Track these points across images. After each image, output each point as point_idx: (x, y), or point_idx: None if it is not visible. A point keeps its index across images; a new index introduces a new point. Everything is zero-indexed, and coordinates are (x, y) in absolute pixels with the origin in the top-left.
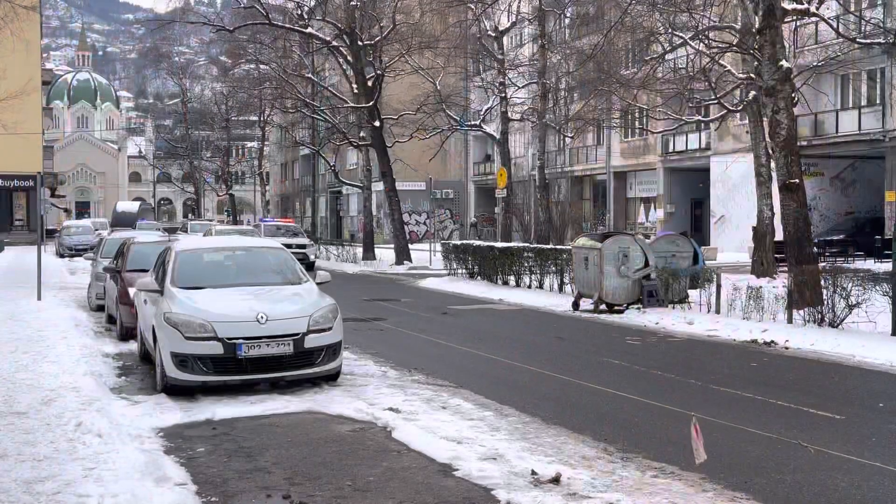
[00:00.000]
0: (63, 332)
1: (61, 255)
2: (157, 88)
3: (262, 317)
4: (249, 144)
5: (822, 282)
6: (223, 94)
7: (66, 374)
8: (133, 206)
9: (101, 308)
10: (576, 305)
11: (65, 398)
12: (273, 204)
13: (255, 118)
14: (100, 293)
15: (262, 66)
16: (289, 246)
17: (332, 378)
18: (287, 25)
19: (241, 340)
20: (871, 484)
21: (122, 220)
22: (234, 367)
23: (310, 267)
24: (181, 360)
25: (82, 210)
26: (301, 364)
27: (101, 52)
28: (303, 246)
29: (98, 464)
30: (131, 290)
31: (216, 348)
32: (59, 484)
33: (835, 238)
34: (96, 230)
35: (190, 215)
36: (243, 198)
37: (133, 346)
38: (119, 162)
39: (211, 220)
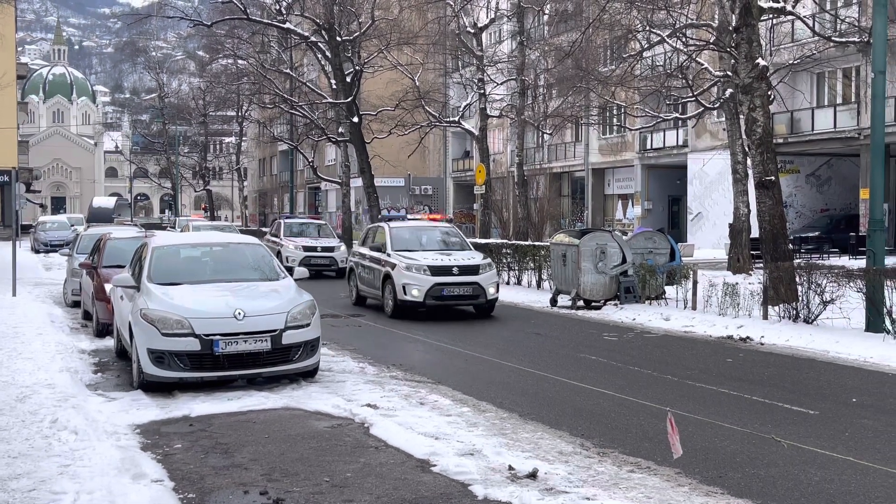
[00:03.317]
0: (38, 329)
1: (37, 251)
2: (134, 83)
3: (239, 313)
4: (227, 140)
5: (798, 278)
6: (201, 89)
7: (41, 371)
8: (109, 202)
9: (77, 304)
10: (553, 301)
11: (40, 395)
12: (251, 200)
13: (233, 113)
14: (76, 289)
15: (240, 62)
16: (448, 270)
17: (309, 374)
18: (265, 21)
19: (218, 337)
20: (843, 478)
21: (99, 216)
22: (212, 363)
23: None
24: (158, 357)
25: (58, 205)
26: (279, 360)
27: (77, 47)
28: (472, 270)
29: (74, 461)
30: (107, 286)
31: (193, 345)
32: (34, 481)
33: (810, 235)
34: (72, 226)
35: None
36: (220, 193)
37: (109, 342)
38: (95, 157)
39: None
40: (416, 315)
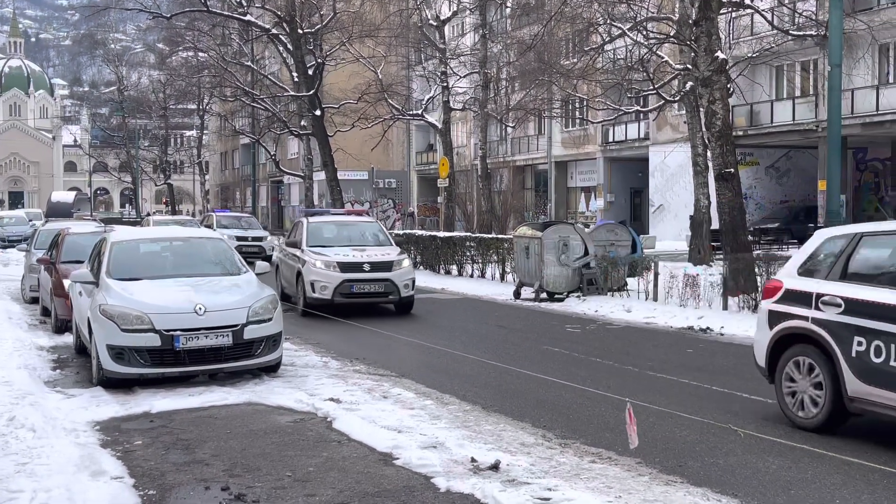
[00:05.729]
0: None
1: None
2: (93, 76)
3: (200, 308)
4: (188, 133)
5: (757, 269)
6: (161, 81)
7: None
8: (68, 197)
9: (35, 300)
10: (517, 294)
11: None
12: (213, 194)
13: (194, 106)
14: (34, 285)
15: (200, 54)
16: None
17: (272, 369)
18: (225, 13)
19: (178, 332)
20: (800, 465)
21: (57, 211)
22: (172, 359)
23: None
24: (117, 353)
25: (16, 200)
26: (240, 355)
27: (33, 39)
28: None
29: (31, 458)
30: (66, 282)
31: (153, 340)
32: None
33: (769, 226)
34: (30, 221)
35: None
36: (182, 187)
37: (68, 338)
38: (54, 151)
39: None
40: None
